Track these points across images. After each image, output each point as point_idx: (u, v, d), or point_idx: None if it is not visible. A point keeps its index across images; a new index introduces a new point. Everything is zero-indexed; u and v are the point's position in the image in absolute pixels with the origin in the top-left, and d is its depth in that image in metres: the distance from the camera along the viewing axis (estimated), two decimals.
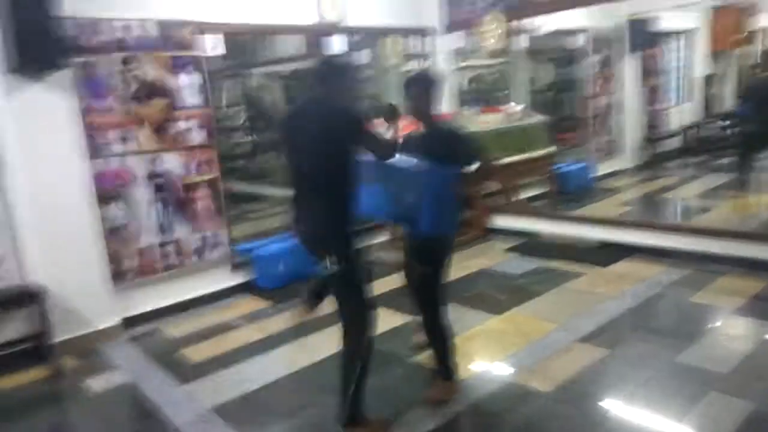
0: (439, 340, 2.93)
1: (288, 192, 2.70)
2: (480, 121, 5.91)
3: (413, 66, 6.25)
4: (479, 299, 4.11)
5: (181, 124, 4.27)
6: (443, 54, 6.04)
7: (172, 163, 4.26)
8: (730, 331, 3.47)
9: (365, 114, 2.59)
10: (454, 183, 2.71)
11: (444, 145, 2.74)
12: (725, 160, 8.37)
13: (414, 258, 2.90)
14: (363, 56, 6.74)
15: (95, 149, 3.91)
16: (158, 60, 4.12)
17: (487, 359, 3.35)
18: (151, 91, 4.11)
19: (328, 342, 3.63)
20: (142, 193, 4.15)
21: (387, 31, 5.74)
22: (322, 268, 2.58)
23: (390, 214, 3.05)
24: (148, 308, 4.30)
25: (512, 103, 6.41)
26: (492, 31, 5.43)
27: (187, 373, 3.48)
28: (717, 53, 9.78)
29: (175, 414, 3.02)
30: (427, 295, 2.90)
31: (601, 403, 2.82)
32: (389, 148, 2.64)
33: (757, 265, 4.21)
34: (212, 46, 4.38)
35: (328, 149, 2.49)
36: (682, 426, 2.56)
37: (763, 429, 2.48)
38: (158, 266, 4.28)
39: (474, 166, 2.82)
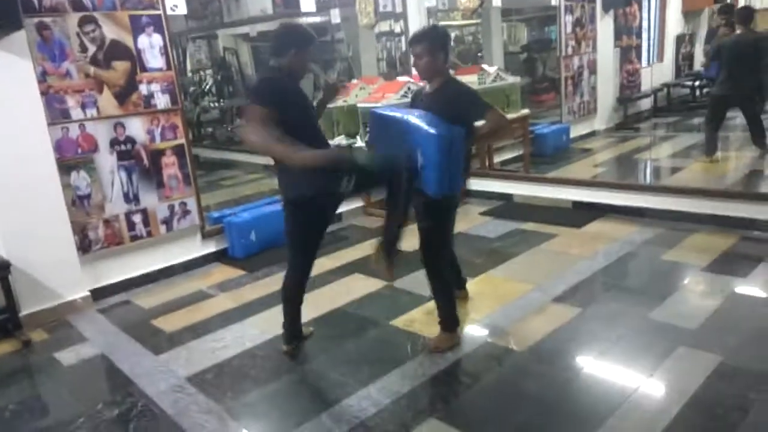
0: (441, 292, 3.04)
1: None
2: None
3: (385, 27, 6.13)
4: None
5: (144, 88, 4.11)
6: (416, 14, 5.90)
7: (136, 129, 4.12)
8: (699, 287, 3.53)
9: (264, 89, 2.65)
10: (463, 143, 2.68)
11: (454, 103, 2.75)
12: (696, 120, 8.47)
13: (418, 212, 2.94)
14: (334, 17, 6.59)
15: (54, 115, 3.75)
16: (117, 20, 3.93)
17: (463, 321, 3.35)
18: (110, 53, 3.93)
19: (303, 309, 3.61)
20: (105, 161, 4.01)
21: None
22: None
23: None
24: (118, 279, 4.21)
25: (485, 65, 6.32)
26: None
27: (159, 343, 3.42)
28: (688, 13, 9.79)
29: (149, 385, 2.97)
30: (430, 249, 2.96)
31: (574, 361, 2.85)
32: (242, 136, 2.65)
33: (727, 222, 4.28)
34: (174, 4, 4.18)
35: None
36: (653, 380, 2.60)
37: (730, 380, 2.54)
38: (126, 236, 4.17)
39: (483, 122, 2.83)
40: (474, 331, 3.20)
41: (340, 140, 5.35)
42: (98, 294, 4.09)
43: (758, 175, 5.56)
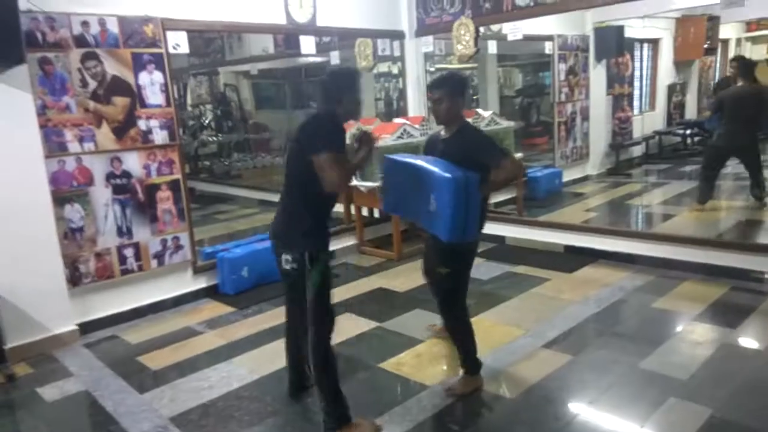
0: (461, 337, 3.00)
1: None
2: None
3: (383, 69, 6.25)
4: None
5: (143, 124, 4.15)
6: (413, 58, 6.03)
7: (132, 163, 4.14)
8: (690, 337, 3.51)
9: (335, 131, 2.56)
10: (478, 190, 2.66)
11: (472, 149, 2.76)
12: (687, 168, 8.59)
13: (435, 258, 2.96)
14: (333, 58, 6.71)
15: (52, 148, 3.77)
16: (119, 57, 4.00)
17: (452, 366, 3.32)
18: (111, 89, 3.99)
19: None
20: (100, 195, 4.02)
21: (357, 33, 5.70)
22: (280, 264, 2.69)
23: (413, 217, 3.01)
24: (106, 313, 4.16)
25: (479, 109, 6.43)
26: (461, 37, 5.44)
27: (145, 381, 3.37)
28: (680, 63, 10.03)
29: (132, 424, 2.91)
30: (447, 295, 2.96)
31: (565, 409, 2.82)
32: (333, 181, 2.47)
33: (718, 272, 4.30)
34: (176, 43, 4.27)
35: (297, 154, 2.58)
36: (644, 431, 2.58)
37: None
38: (117, 270, 4.15)
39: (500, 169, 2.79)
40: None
41: None
42: (86, 328, 4.03)
43: (750, 225, 5.60)
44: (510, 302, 4.18)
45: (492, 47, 6.89)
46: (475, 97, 7.98)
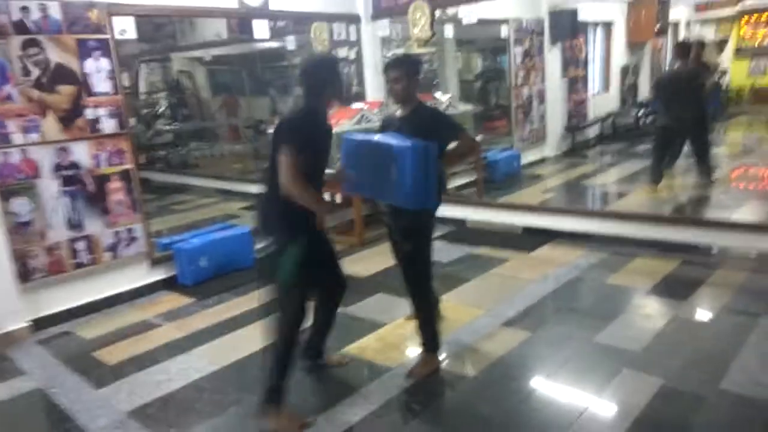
0: (425, 314, 3.05)
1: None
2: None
3: (342, 53, 6.19)
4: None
5: (90, 113, 4.01)
6: (371, 42, 5.99)
7: (81, 154, 4.00)
8: (643, 310, 3.63)
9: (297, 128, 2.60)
10: (437, 159, 2.72)
11: (428, 125, 2.84)
12: (640, 148, 8.82)
13: (398, 236, 3.01)
14: (289, 43, 6.62)
15: None
16: (63, 44, 3.84)
17: (415, 347, 3.35)
18: (55, 77, 3.83)
19: (251, 339, 3.56)
20: (48, 187, 3.87)
21: (312, 16, 5.62)
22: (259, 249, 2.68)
23: (375, 193, 3.04)
24: (59, 309, 4.03)
25: (438, 93, 6.45)
26: (417, 20, 5.43)
27: (102, 376, 3.29)
28: (632, 45, 10.26)
29: (89, 421, 2.84)
30: (412, 271, 3.01)
31: (524, 384, 2.88)
32: (282, 182, 2.53)
33: (669, 247, 4.44)
34: (122, 29, 4.12)
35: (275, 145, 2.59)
36: (599, 402, 2.65)
37: (671, 402, 2.61)
38: (68, 264, 4.03)
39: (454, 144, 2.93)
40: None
41: None
42: (39, 324, 3.91)
43: (699, 202, 5.79)
44: (470, 283, 4.23)
45: (449, 31, 6.91)
46: (435, 82, 8.00)
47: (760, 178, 6.70)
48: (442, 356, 3.16)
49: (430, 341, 3.07)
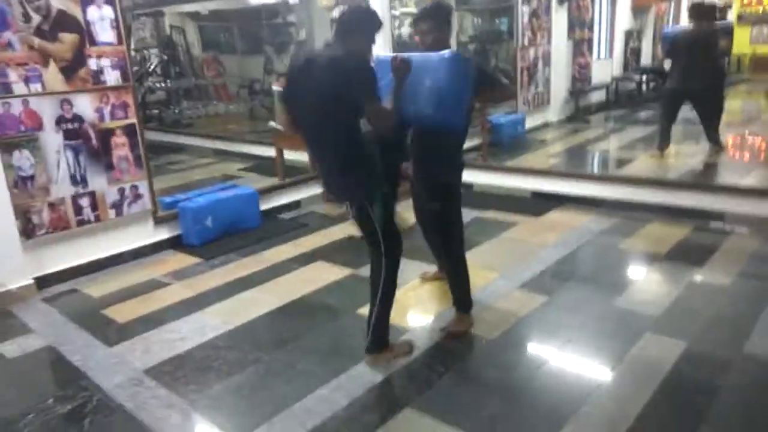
0: (457, 273, 3.05)
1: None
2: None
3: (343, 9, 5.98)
4: (419, 251, 4.03)
5: (93, 63, 3.84)
6: None
7: (84, 106, 3.85)
8: (659, 276, 3.62)
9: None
10: (470, 80, 2.62)
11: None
12: (643, 114, 8.76)
13: (425, 196, 2.99)
14: None
15: None
16: None
17: (430, 309, 3.33)
18: (57, 24, 3.65)
19: (262, 300, 3.52)
20: (51, 140, 3.73)
21: None
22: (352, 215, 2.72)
23: (408, 113, 2.78)
24: (64, 266, 3.94)
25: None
26: None
27: (113, 334, 3.23)
28: (636, 9, 10.08)
29: (104, 378, 2.79)
30: (444, 230, 3.01)
31: (544, 349, 2.86)
32: (389, 126, 2.49)
33: (681, 213, 4.42)
34: None
35: (337, 103, 2.43)
36: (622, 367, 2.64)
37: (696, 364, 2.61)
38: (72, 221, 3.92)
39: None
40: (442, 319, 3.17)
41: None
42: (43, 282, 3.82)
43: (708, 168, 5.76)
44: (482, 247, 4.19)
45: None
46: None
47: (765, 147, 6.68)
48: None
49: (463, 301, 3.06)
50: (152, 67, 10.59)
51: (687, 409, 2.34)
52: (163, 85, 10.36)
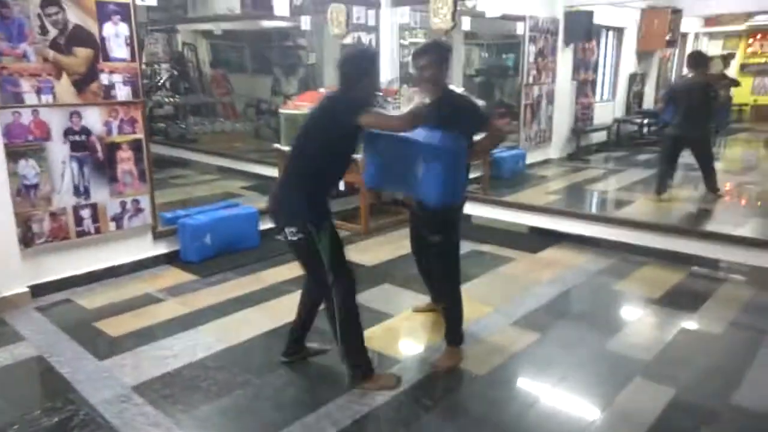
0: (454, 306, 3.05)
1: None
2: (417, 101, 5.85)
3: (357, 37, 6.10)
4: (414, 280, 4.06)
5: (105, 78, 3.91)
6: (389, 28, 5.91)
7: (92, 119, 3.90)
8: (652, 320, 3.63)
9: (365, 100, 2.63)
10: (465, 152, 2.73)
11: (457, 114, 2.82)
12: (642, 157, 8.85)
13: (424, 228, 3.00)
14: (303, 23, 6.52)
15: (6, 98, 3.51)
16: (82, 5, 3.73)
17: (422, 341, 3.33)
18: (73, 38, 3.73)
19: (256, 320, 3.52)
20: (57, 151, 3.78)
21: None
22: (282, 237, 2.70)
23: (397, 187, 3.07)
24: (60, 276, 3.95)
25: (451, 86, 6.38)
26: (438, 10, 5.35)
27: (103, 347, 3.23)
28: (641, 53, 10.25)
29: (92, 392, 2.78)
30: (442, 263, 3.03)
31: (534, 387, 2.87)
32: (402, 119, 2.60)
33: (676, 258, 4.46)
34: None
35: (316, 128, 2.64)
36: (611, 410, 2.64)
37: (683, 413, 2.61)
38: (72, 231, 3.94)
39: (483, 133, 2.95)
40: (433, 351, 3.17)
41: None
42: (38, 291, 3.83)
43: (704, 214, 5.81)
44: (477, 280, 4.21)
45: (465, 23, 6.84)
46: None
47: (762, 196, 6.74)
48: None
49: (455, 334, 3.07)
50: (162, 81, 10.72)
51: None
52: (171, 100, 10.48)
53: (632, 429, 2.50)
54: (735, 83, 9.51)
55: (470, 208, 5.55)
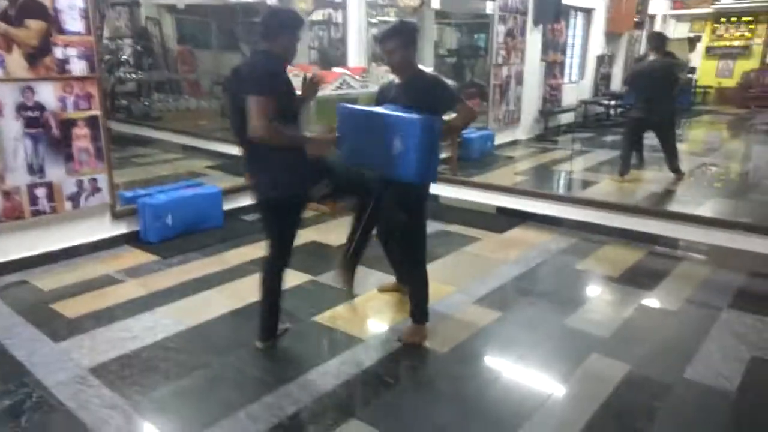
0: (419, 284, 3.08)
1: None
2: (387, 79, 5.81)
3: (327, 14, 6.01)
4: (379, 261, 4.05)
5: (59, 52, 3.77)
6: (356, 5, 5.82)
7: (46, 95, 3.77)
8: (611, 297, 3.71)
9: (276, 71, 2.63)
10: (440, 130, 2.73)
11: (428, 93, 2.81)
12: (609, 138, 8.97)
13: (394, 206, 2.99)
14: None
15: None
16: None
17: (386, 321, 3.34)
18: (24, 10, 3.57)
19: (217, 301, 3.49)
20: (10, 127, 3.64)
21: None
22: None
23: (371, 164, 2.99)
24: (15, 257, 3.84)
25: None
26: None
27: (60, 329, 3.15)
28: (609, 35, 10.33)
29: (47, 374, 2.72)
30: (410, 241, 3.04)
31: (494, 364, 2.90)
32: (255, 128, 2.51)
33: (636, 236, 4.54)
34: None
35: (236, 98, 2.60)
36: (567, 386, 2.69)
37: (637, 388, 2.67)
38: (27, 210, 3.82)
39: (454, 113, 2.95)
40: (397, 331, 3.18)
41: None
42: None
43: (666, 195, 5.93)
44: (443, 260, 4.23)
45: (435, 2, 6.78)
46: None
47: (724, 177, 6.92)
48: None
49: (421, 312, 3.09)
50: (124, 57, 10.41)
51: (625, 431, 2.40)
52: (134, 76, 10.19)
53: (588, 403, 2.55)
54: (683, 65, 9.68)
55: (438, 189, 5.58)
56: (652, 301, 3.62)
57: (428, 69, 6.04)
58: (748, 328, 3.23)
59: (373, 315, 3.42)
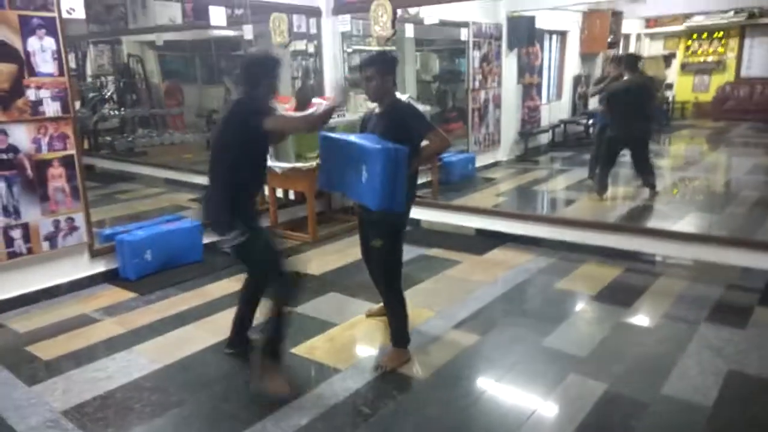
0: (397, 309, 3.11)
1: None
2: (365, 108, 5.88)
3: (299, 46, 6.09)
4: (360, 288, 4.06)
5: (32, 94, 3.79)
6: (330, 37, 5.91)
7: (20, 136, 3.78)
8: (589, 316, 3.72)
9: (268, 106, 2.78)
10: (410, 159, 2.79)
11: (399, 123, 2.89)
12: (588, 156, 9.05)
13: (369, 233, 3.07)
14: (246, 32, 6.45)
15: None
16: (4, 20, 3.61)
17: (366, 347, 3.33)
18: None
19: (195, 337, 3.47)
20: None
21: (271, 7, 5.51)
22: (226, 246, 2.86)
23: (346, 190, 3.14)
24: None
25: (397, 93, 6.42)
26: (378, 18, 5.39)
27: (35, 372, 3.12)
28: (585, 55, 10.53)
29: (19, 420, 2.68)
30: (384, 267, 3.09)
31: (473, 387, 2.90)
32: (304, 119, 2.93)
33: (614, 254, 4.57)
34: (70, 8, 3.92)
35: (224, 138, 2.81)
36: (546, 406, 2.69)
37: (614, 407, 2.67)
38: (2, 253, 3.80)
39: (426, 141, 3.01)
40: (377, 359, 3.17)
41: None
42: None
43: (643, 211, 5.99)
44: (423, 284, 4.23)
45: (409, 31, 6.91)
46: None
47: (701, 191, 7.00)
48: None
49: (399, 336, 3.11)
50: (108, 94, 10.47)
51: None
52: (117, 112, 10.24)
53: (566, 424, 2.55)
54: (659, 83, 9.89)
55: (420, 213, 5.62)
56: (629, 318, 3.63)
57: (405, 96, 6.13)
58: (724, 342, 3.24)
59: (351, 344, 3.41)
